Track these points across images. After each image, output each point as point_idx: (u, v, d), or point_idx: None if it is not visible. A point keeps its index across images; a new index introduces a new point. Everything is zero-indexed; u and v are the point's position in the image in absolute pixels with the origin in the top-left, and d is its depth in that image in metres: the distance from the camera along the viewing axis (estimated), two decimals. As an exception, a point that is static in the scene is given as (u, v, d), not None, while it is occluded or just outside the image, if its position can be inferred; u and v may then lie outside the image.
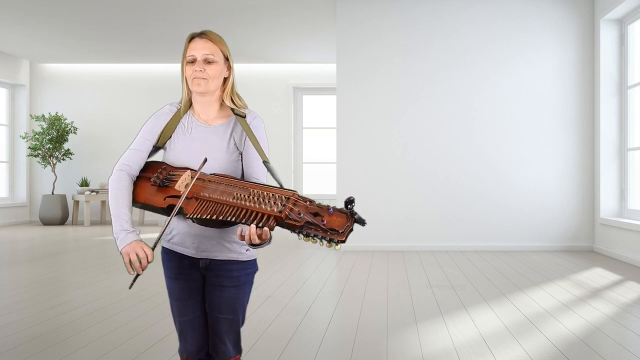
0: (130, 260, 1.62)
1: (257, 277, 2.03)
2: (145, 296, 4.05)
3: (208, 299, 1.85)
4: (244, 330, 1.96)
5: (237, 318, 1.86)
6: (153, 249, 1.65)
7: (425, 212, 6.58)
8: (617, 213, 6.22)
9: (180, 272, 1.84)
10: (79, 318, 3.48)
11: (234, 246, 1.82)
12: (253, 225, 1.53)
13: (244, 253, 1.84)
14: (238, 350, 1.88)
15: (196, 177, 1.69)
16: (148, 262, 1.62)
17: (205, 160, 1.72)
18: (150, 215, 10.09)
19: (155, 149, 1.86)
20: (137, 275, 1.63)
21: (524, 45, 6.56)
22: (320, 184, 10.33)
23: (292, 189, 1.59)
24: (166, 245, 1.85)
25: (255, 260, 1.90)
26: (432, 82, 6.61)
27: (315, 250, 6.43)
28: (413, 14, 6.64)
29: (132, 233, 1.67)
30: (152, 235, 8.08)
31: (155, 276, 4.65)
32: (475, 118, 6.57)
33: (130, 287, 1.65)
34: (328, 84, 9.97)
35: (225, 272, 1.82)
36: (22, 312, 3.62)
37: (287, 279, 4.74)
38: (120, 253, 1.65)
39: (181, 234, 1.80)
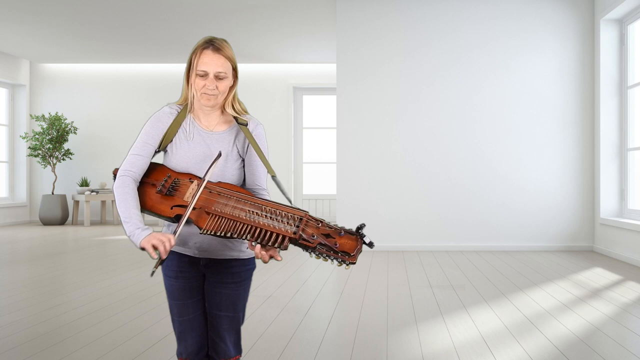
0: (153, 247, 1.61)
1: (257, 277, 2.04)
2: (145, 296, 4.05)
3: (208, 296, 1.85)
4: (244, 330, 1.97)
5: (238, 315, 1.86)
6: (174, 234, 1.65)
7: (425, 212, 6.58)
8: (617, 213, 6.22)
9: (180, 272, 1.84)
10: (79, 318, 3.48)
11: (235, 245, 1.83)
12: (264, 253, 1.60)
13: (244, 251, 1.85)
14: (238, 350, 1.88)
15: (207, 172, 1.70)
16: (171, 246, 1.62)
17: (219, 154, 1.74)
18: (149, 216, 10.05)
19: (156, 152, 1.86)
20: (161, 260, 1.62)
21: (524, 45, 6.56)
22: (320, 184, 10.33)
23: (303, 209, 1.66)
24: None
25: (254, 257, 1.90)
26: (432, 82, 6.61)
27: (315, 250, 6.43)
28: (413, 14, 6.64)
29: (147, 230, 1.67)
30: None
31: (155, 276, 4.66)
32: (475, 118, 6.57)
33: (152, 275, 1.64)
34: (328, 84, 9.97)
35: (226, 269, 1.83)
36: (22, 312, 3.62)
37: (287, 279, 4.74)
38: (141, 248, 1.64)
39: (182, 234, 1.80)
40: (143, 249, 1.64)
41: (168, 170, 1.81)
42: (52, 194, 9.71)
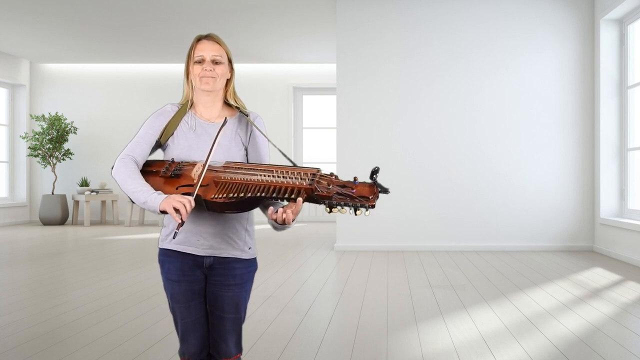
0: (175, 209, 1.59)
1: (257, 277, 2.04)
2: (145, 296, 4.05)
3: (211, 298, 1.85)
4: (244, 330, 1.97)
5: (240, 316, 1.87)
6: (193, 196, 1.62)
7: (425, 212, 6.58)
8: (617, 213, 6.22)
9: (183, 274, 1.83)
10: (79, 318, 3.48)
11: (238, 244, 1.83)
12: (289, 211, 1.57)
13: (246, 251, 1.86)
14: (239, 349, 1.89)
15: (217, 136, 1.68)
16: (191, 207, 1.60)
17: (226, 120, 1.75)
18: (149, 215, 10.08)
19: (157, 146, 1.87)
20: (183, 222, 1.59)
21: (524, 45, 6.56)
22: (320, 184, 10.31)
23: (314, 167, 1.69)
24: (168, 246, 1.83)
25: (255, 258, 1.91)
26: (432, 82, 6.61)
27: (315, 250, 6.44)
28: (413, 14, 6.64)
29: (161, 194, 1.66)
30: (153, 235, 8.09)
31: (155, 276, 4.66)
32: (475, 118, 6.57)
33: (174, 237, 1.65)
34: (328, 84, 9.98)
35: (229, 271, 1.83)
36: (22, 312, 3.62)
37: (287, 279, 4.74)
38: (160, 211, 1.62)
39: (185, 232, 1.80)
40: (163, 212, 1.62)
41: (171, 160, 1.81)
42: (52, 194, 9.71)
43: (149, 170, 1.80)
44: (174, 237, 1.66)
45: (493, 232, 6.53)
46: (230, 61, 1.89)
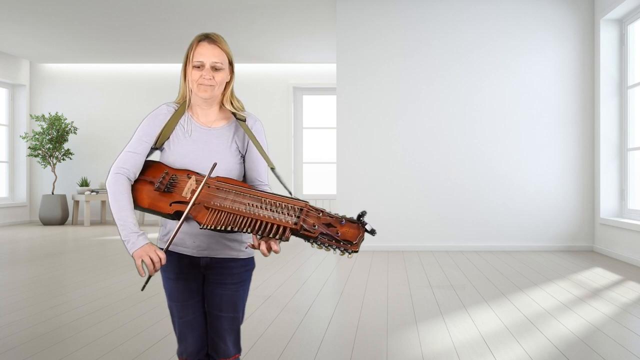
0: (142, 263, 1.65)
1: (257, 277, 2.04)
2: (145, 296, 4.05)
3: (209, 297, 1.85)
4: (243, 330, 1.97)
5: (238, 315, 1.87)
6: (165, 250, 1.68)
7: (425, 212, 6.58)
8: (617, 213, 6.22)
9: (181, 272, 1.83)
10: (79, 318, 3.48)
11: (234, 244, 1.83)
12: (263, 246, 1.60)
13: (243, 251, 1.85)
14: (238, 349, 1.88)
15: (203, 182, 1.68)
16: (161, 265, 1.66)
17: (215, 165, 1.71)
18: (149, 216, 10.08)
19: (152, 149, 1.84)
20: (150, 277, 1.65)
21: (524, 45, 6.56)
22: (320, 184, 10.33)
23: (303, 199, 1.67)
24: (165, 246, 1.84)
25: (253, 257, 1.91)
26: (432, 82, 6.61)
27: (315, 250, 6.43)
28: (413, 14, 6.64)
29: (142, 236, 1.68)
30: (152, 235, 8.08)
31: (155, 276, 4.66)
32: (475, 118, 6.57)
33: (142, 289, 1.69)
34: (328, 84, 9.97)
35: (226, 270, 1.83)
36: (22, 312, 3.62)
37: (287, 279, 4.74)
38: (132, 256, 1.66)
39: (181, 233, 1.80)
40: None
41: (165, 167, 1.79)
42: (52, 194, 9.71)
43: (143, 179, 1.79)
44: (142, 289, 1.70)
45: (493, 232, 6.53)
46: (230, 63, 1.82)
